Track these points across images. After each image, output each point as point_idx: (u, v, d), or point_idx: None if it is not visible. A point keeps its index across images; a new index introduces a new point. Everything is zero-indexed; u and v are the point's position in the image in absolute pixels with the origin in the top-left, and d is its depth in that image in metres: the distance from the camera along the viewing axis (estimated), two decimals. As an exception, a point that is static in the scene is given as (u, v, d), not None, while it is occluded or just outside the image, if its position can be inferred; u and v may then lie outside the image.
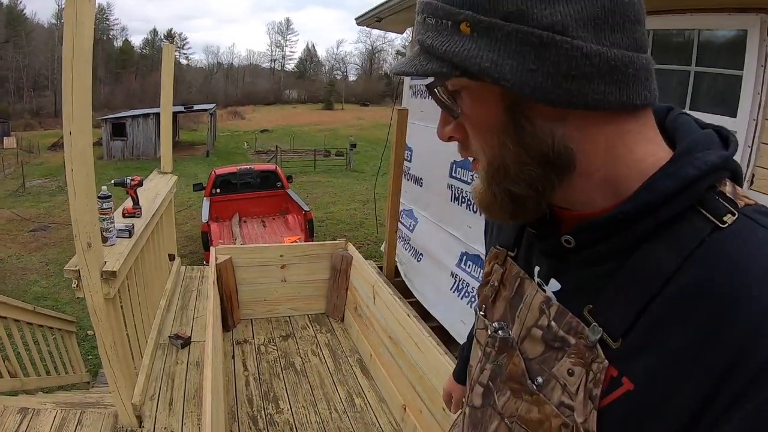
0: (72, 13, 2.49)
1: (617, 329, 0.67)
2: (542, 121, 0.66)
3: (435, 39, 0.67)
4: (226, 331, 4.70)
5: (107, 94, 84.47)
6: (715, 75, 3.20)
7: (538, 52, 0.61)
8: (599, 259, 0.72)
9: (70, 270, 2.92)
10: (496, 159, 0.71)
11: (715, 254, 0.61)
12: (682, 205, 0.64)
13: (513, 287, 0.89)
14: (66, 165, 2.68)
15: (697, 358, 0.59)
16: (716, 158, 0.65)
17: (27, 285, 11.12)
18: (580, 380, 0.71)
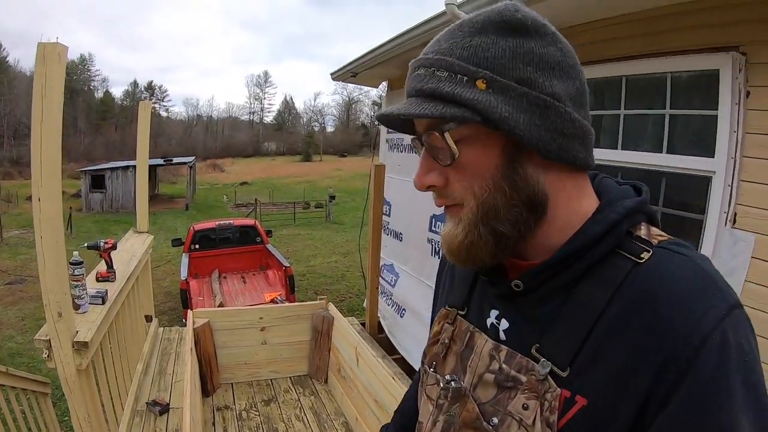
0: (41, 73, 2.44)
1: (564, 360, 0.78)
2: (532, 169, 0.80)
3: (453, 88, 0.77)
4: (206, 396, 4.55)
5: (87, 145, 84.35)
6: (690, 116, 3.18)
7: (542, 112, 0.77)
8: (543, 299, 0.84)
9: (40, 339, 2.83)
10: (488, 201, 0.80)
11: (639, 282, 0.75)
12: (609, 245, 0.79)
13: (464, 341, 0.98)
14: (35, 233, 2.60)
15: (638, 364, 0.71)
16: (632, 204, 0.82)
17: (2, 340, 10.75)
18: (535, 412, 0.80)
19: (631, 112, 3.47)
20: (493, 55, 0.77)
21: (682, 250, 0.78)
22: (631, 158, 3.44)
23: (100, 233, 24.75)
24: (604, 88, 3.68)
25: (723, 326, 0.68)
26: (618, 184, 0.91)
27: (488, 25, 0.79)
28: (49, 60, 2.47)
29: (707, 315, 0.68)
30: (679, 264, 0.75)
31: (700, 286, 0.72)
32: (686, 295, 0.71)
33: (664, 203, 3.27)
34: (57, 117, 2.55)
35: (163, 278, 15.52)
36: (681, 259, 0.75)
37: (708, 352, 0.67)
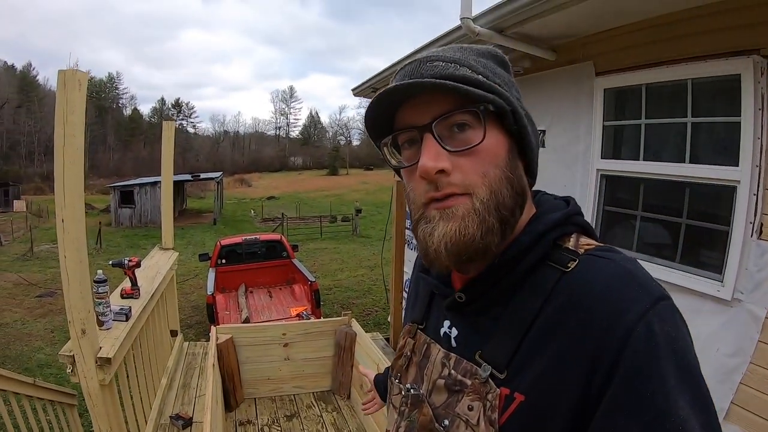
0: (63, 100, 2.50)
1: (501, 363, 0.84)
2: (520, 170, 0.91)
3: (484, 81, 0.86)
4: (229, 411, 4.56)
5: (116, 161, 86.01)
6: (713, 124, 3.11)
7: (532, 126, 0.93)
8: (484, 309, 0.92)
9: (64, 355, 2.87)
10: (499, 188, 0.85)
11: (567, 288, 0.81)
12: (536, 255, 0.86)
13: (422, 352, 1.05)
14: (59, 252, 2.65)
15: (569, 359, 0.76)
16: (559, 216, 0.90)
17: (31, 352, 10.92)
18: (479, 412, 0.85)
19: (652, 122, 3.41)
20: (499, 73, 0.92)
21: (607, 254, 0.84)
22: (654, 169, 3.38)
23: (129, 248, 25.12)
24: (625, 98, 3.63)
25: (647, 318, 0.72)
26: (554, 199, 1.00)
27: (487, 54, 0.94)
28: (70, 87, 2.54)
29: (630, 309, 0.73)
30: (602, 267, 0.81)
31: (621, 284, 0.77)
32: (609, 293, 0.76)
33: (688, 215, 3.20)
34: (79, 141, 2.61)
35: (191, 292, 15.64)
36: (604, 263, 0.82)
37: (635, 342, 0.71)
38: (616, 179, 3.72)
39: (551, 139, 4.27)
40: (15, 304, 14.89)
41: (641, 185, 3.51)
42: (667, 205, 3.38)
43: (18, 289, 16.70)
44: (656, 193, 3.47)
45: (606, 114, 3.69)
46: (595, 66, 3.70)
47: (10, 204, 44.51)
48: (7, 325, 12.83)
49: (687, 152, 3.18)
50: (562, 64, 4.00)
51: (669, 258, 3.32)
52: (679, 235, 3.26)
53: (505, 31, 3.54)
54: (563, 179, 4.04)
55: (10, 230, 29.66)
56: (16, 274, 18.58)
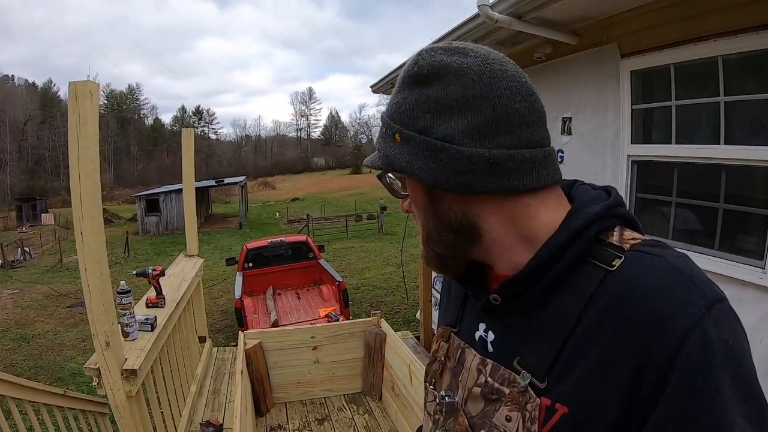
0: (75, 111, 2.46)
1: (542, 371, 0.79)
2: (448, 202, 0.86)
3: (382, 144, 0.91)
4: (260, 416, 4.52)
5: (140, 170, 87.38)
6: (747, 102, 2.96)
7: (435, 156, 0.82)
8: (521, 311, 0.86)
9: (90, 368, 2.85)
10: (426, 226, 0.92)
11: (611, 290, 0.74)
12: (575, 253, 0.79)
13: (455, 358, 1.00)
14: (80, 265, 2.62)
15: (613, 367, 0.70)
16: (599, 209, 0.82)
17: (63, 361, 11.07)
18: (517, 424, 0.81)
19: (683, 103, 3.28)
20: (403, 110, 0.86)
21: (656, 250, 0.77)
22: (687, 152, 3.25)
23: (157, 255, 25.43)
24: (653, 79, 3.50)
25: (702, 323, 0.67)
26: (592, 189, 0.91)
27: (403, 80, 0.89)
28: (81, 98, 2.49)
29: (684, 313, 0.68)
30: (651, 265, 0.74)
31: (673, 284, 0.71)
32: (659, 295, 0.70)
33: (725, 199, 3.06)
34: (93, 153, 2.57)
35: (219, 296, 15.76)
36: (653, 260, 0.75)
37: (688, 351, 0.66)
38: (648, 165, 3.59)
39: (578, 126, 4.15)
40: (46, 315, 15.15)
41: (675, 170, 3.38)
42: (702, 189, 3.25)
43: (49, 300, 17.00)
44: (691, 177, 3.34)
45: (634, 97, 3.56)
46: (619, 48, 3.56)
47: (38, 218, 45.61)
48: (39, 335, 13.05)
49: (721, 133, 3.04)
50: (585, 48, 3.87)
51: (706, 245, 3.19)
52: (717, 220, 3.13)
53: (524, 17, 3.43)
54: (592, 167, 3.92)
55: (39, 243, 30.32)
56: (47, 286, 18.91)
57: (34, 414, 3.92)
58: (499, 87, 0.81)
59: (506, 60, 0.86)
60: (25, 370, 10.46)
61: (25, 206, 48.00)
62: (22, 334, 13.20)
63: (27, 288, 19.09)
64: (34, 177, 75.88)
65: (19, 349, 12.10)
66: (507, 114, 0.80)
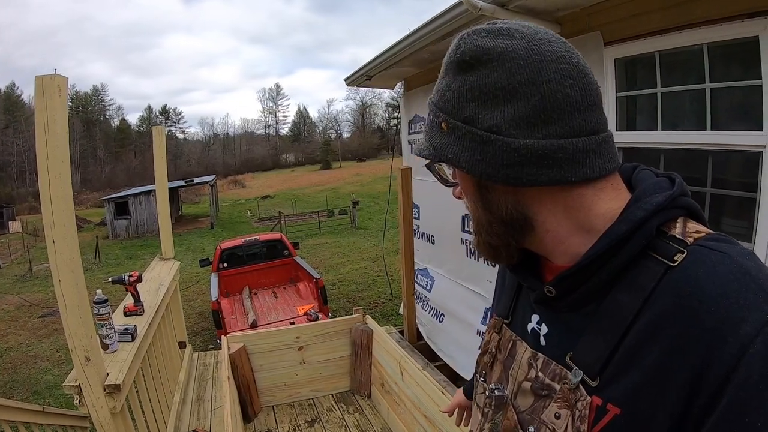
0: (42, 108, 2.27)
1: (594, 369, 0.77)
2: (498, 193, 0.84)
3: (429, 132, 0.89)
4: (248, 422, 4.43)
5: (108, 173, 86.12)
6: (732, 89, 2.96)
7: (481, 148, 0.79)
8: (577, 304, 0.83)
9: (70, 386, 2.71)
10: (478, 217, 0.90)
11: (672, 288, 0.70)
12: (637, 245, 0.75)
13: (507, 350, 1.00)
14: (53, 276, 2.46)
15: (670, 372, 0.67)
16: (662, 199, 0.78)
17: (38, 374, 10.81)
18: (566, 422, 0.79)
19: (668, 90, 3.26)
20: (448, 98, 0.84)
21: (721, 246, 0.72)
22: (673, 139, 3.23)
23: (128, 259, 25.03)
24: (638, 67, 3.48)
25: (766, 331, 0.62)
26: (655, 176, 0.86)
27: (447, 66, 0.85)
28: (49, 93, 2.29)
29: (747, 319, 0.64)
30: (716, 263, 0.70)
31: (738, 286, 0.67)
32: (723, 298, 0.66)
33: (712, 184, 3.06)
34: (63, 152, 2.38)
35: (194, 299, 15.53)
36: (718, 257, 0.71)
37: (750, 360, 0.62)
38: (634, 152, 3.57)
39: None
40: (19, 326, 14.78)
41: (661, 156, 3.37)
42: (689, 175, 3.24)
43: (20, 311, 16.59)
44: (677, 163, 3.33)
45: (618, 85, 3.54)
46: (603, 36, 3.53)
47: (5, 226, 44.55)
48: (12, 348, 12.73)
49: (707, 119, 3.03)
50: (567, 36, 3.76)
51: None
52: (705, 205, 3.12)
53: (508, 5, 3.37)
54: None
55: (8, 252, 29.64)
56: (17, 296, 18.48)
57: (13, 433, 3.79)
58: (548, 71, 0.76)
59: (556, 39, 0.80)
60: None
61: (-9, 214, 46.87)
62: (-5, 348, 12.87)
63: (-3, 299, 18.63)
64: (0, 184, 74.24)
65: (-7, 363, 11.80)
66: (557, 101, 0.76)
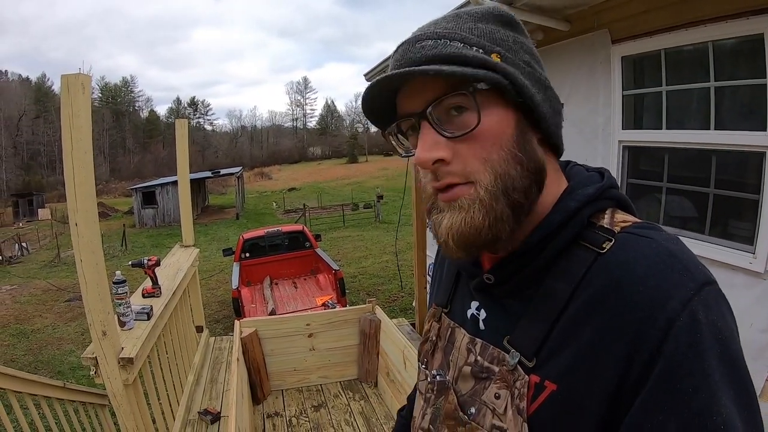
0: (67, 104, 2.48)
1: (530, 350, 0.79)
2: (533, 143, 0.81)
3: (476, 56, 0.76)
4: (257, 404, 4.55)
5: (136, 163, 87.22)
6: (737, 88, 2.97)
7: (544, 91, 0.82)
8: (514, 290, 0.86)
9: (87, 357, 2.90)
10: (507, 171, 0.77)
11: (602, 273, 0.74)
12: (569, 234, 0.80)
13: (446, 337, 1.01)
14: (75, 256, 2.65)
15: (604, 349, 0.70)
16: (593, 191, 0.83)
17: (63, 355, 11.09)
18: (506, 401, 0.81)
19: (673, 88, 3.29)
20: (500, 37, 0.81)
21: (647, 232, 0.77)
22: (678, 138, 3.26)
23: (154, 247, 25.41)
24: (644, 65, 3.51)
25: (691, 306, 0.66)
26: (586, 171, 0.92)
27: (488, 15, 0.83)
28: (73, 91, 2.51)
29: (673, 296, 0.67)
30: (641, 247, 0.74)
31: (664, 267, 0.70)
32: (650, 278, 0.69)
33: (715, 184, 3.08)
34: (86, 144, 2.59)
35: (217, 287, 15.75)
36: (644, 242, 0.74)
37: (677, 333, 0.65)
38: (639, 150, 3.61)
39: (569, 113, 4.15)
40: (45, 310, 15.15)
41: (665, 155, 3.40)
42: (693, 175, 3.27)
43: (47, 295, 16.98)
44: (681, 162, 3.36)
45: (625, 83, 3.57)
46: (610, 33, 3.57)
47: (35, 213, 45.54)
48: (38, 330, 13.06)
49: (712, 118, 3.05)
50: (576, 34, 3.87)
51: (697, 230, 3.21)
52: (707, 206, 3.15)
53: (516, 2, 3.43)
54: (584, 153, 3.93)
55: (37, 238, 30.30)
56: (45, 281, 18.89)
57: (35, 407, 3.94)
58: None
59: None
60: (25, 365, 10.47)
61: (22, 202, 47.86)
62: (22, 330, 13.21)
63: (25, 283, 19.05)
64: (30, 172, 75.80)
65: (19, 344, 12.12)
66: None
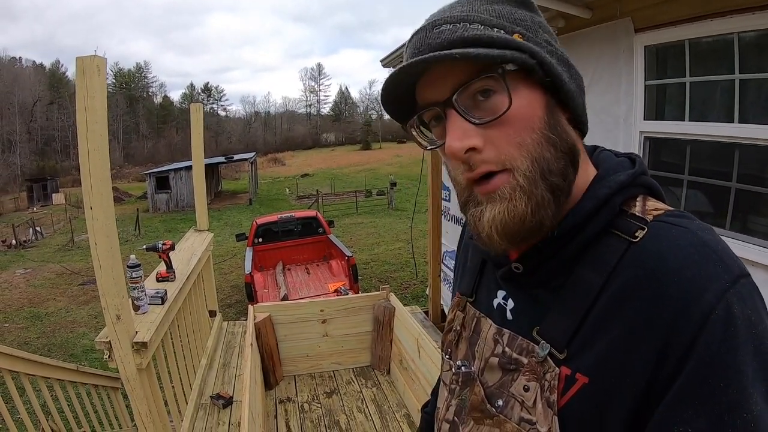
0: (82, 86, 2.46)
1: (561, 342, 0.77)
2: (564, 124, 0.79)
3: (500, 36, 0.74)
4: (269, 389, 4.57)
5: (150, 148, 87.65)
6: (763, 81, 2.91)
7: (569, 69, 0.80)
8: (543, 280, 0.84)
9: (101, 341, 2.89)
10: (542, 154, 0.75)
11: (634, 262, 0.71)
12: (601, 223, 0.77)
13: (471, 327, 0.99)
14: (90, 240, 2.64)
15: (637, 342, 0.68)
16: (624, 177, 0.80)
17: (76, 338, 11.24)
18: (535, 393, 0.79)
19: (697, 79, 3.23)
20: (519, 17, 0.79)
21: (681, 221, 0.74)
22: (700, 130, 3.20)
23: (167, 232, 25.60)
24: (667, 55, 3.45)
25: (727, 298, 0.64)
26: (615, 156, 0.89)
27: None
28: (89, 73, 2.49)
29: (708, 288, 0.65)
30: (676, 237, 0.71)
31: (699, 258, 0.68)
32: (684, 269, 0.67)
33: (738, 179, 3.03)
34: (101, 128, 2.57)
35: (230, 272, 15.86)
36: (678, 232, 0.72)
37: (712, 327, 0.63)
38: (660, 142, 3.55)
39: (590, 101, 4.04)
40: (59, 293, 15.34)
41: (687, 147, 3.34)
42: (715, 168, 3.22)
43: (61, 278, 17.21)
44: (704, 155, 3.30)
45: (647, 73, 3.51)
46: (633, 22, 3.50)
47: (49, 198, 46.03)
48: (52, 313, 13.23)
49: (735, 111, 2.99)
50: (598, 22, 3.80)
51: (718, 225, 3.16)
52: (729, 200, 3.10)
53: (538, -10, 3.37)
54: (605, 143, 3.77)
55: (51, 223, 30.66)
56: (59, 264, 19.13)
57: (47, 390, 3.98)
58: None
59: None
60: (38, 348, 10.62)
61: (36, 186, 48.32)
62: (35, 313, 13.40)
63: (39, 267, 19.32)
64: (44, 157, 76.45)
65: (33, 327, 12.31)
66: None
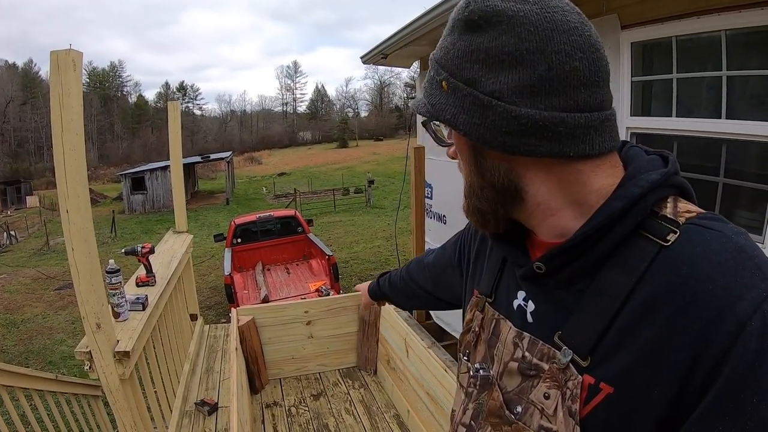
0: (57, 82, 2.30)
1: (584, 349, 0.75)
2: (493, 159, 0.82)
3: (429, 89, 0.86)
4: (254, 393, 4.49)
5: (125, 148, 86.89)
6: (749, 77, 2.93)
7: (482, 112, 0.77)
8: (567, 282, 0.82)
9: (81, 352, 2.77)
10: (470, 179, 0.88)
11: (666, 268, 0.69)
12: (631, 223, 0.74)
13: (490, 329, 0.98)
14: (66, 245, 2.52)
15: (666, 352, 0.66)
16: (657, 176, 0.76)
17: (54, 344, 11.03)
18: (556, 402, 0.78)
19: (684, 76, 3.23)
20: (452, 56, 0.81)
21: (715, 224, 0.72)
22: (687, 126, 3.20)
23: (144, 233, 25.31)
24: (654, 52, 3.44)
25: (764, 309, 0.62)
26: (646, 153, 0.85)
27: (454, 23, 0.82)
28: (64, 68, 2.33)
29: (744, 297, 0.63)
30: (710, 241, 0.69)
31: (734, 264, 0.66)
32: (719, 276, 0.65)
33: (725, 173, 3.04)
34: (78, 125, 2.42)
35: (208, 273, 15.72)
36: (713, 236, 0.70)
37: (747, 338, 0.61)
38: (647, 138, 3.54)
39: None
40: (35, 299, 15.08)
41: (674, 143, 3.34)
42: (702, 163, 3.22)
43: (37, 283, 16.92)
44: (691, 151, 3.31)
45: (634, 69, 3.50)
46: (620, 19, 3.49)
47: (23, 201, 45.56)
48: (28, 320, 13.01)
49: (723, 107, 3.00)
50: (584, 19, 3.78)
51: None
52: (716, 195, 3.11)
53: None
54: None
55: (25, 226, 30.26)
56: (34, 269, 18.82)
57: (26, 400, 3.87)
58: (559, 41, 0.73)
59: (571, 8, 0.77)
60: (15, 356, 10.42)
61: (9, 189, 47.67)
62: (11, 319, 13.15)
63: (14, 272, 18.95)
64: (18, 159, 75.42)
65: (9, 334, 12.07)
66: (564, 72, 0.73)
